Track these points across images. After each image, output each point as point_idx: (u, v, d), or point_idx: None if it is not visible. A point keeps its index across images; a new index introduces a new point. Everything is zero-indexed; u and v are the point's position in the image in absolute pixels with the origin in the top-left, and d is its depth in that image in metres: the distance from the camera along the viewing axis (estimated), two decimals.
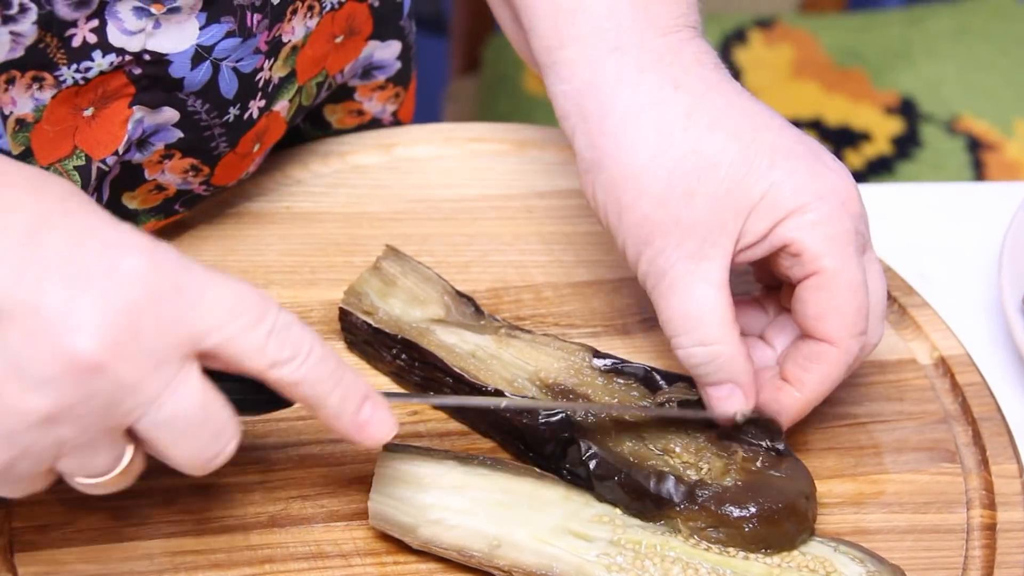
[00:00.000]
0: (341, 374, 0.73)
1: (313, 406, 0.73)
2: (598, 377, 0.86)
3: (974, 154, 2.27)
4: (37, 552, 0.79)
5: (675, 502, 0.79)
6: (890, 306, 0.97)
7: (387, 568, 0.80)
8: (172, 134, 0.90)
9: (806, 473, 0.82)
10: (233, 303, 0.70)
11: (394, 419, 0.75)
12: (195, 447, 0.70)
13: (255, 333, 0.70)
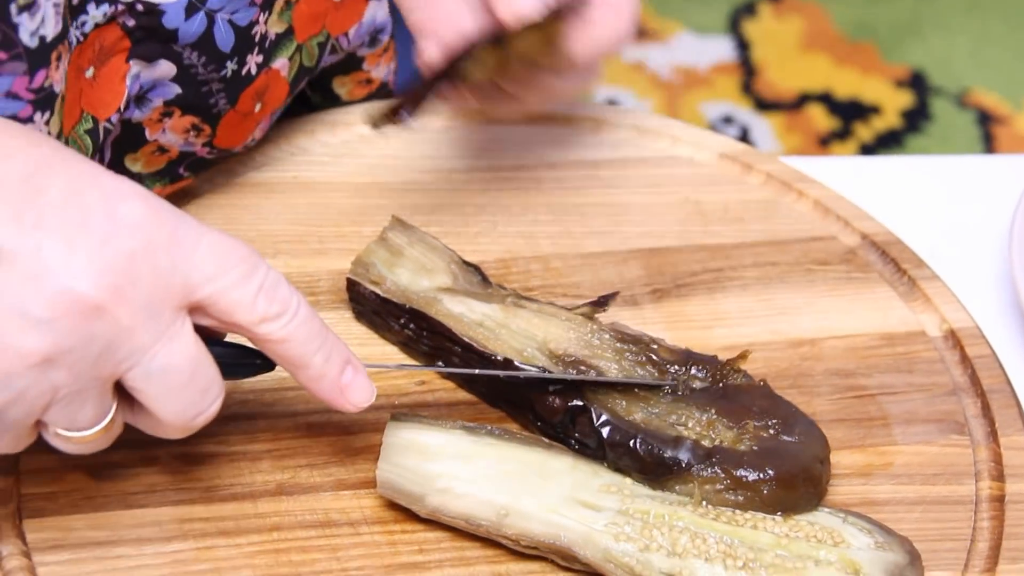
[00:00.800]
0: (325, 335, 0.74)
1: (297, 366, 0.74)
2: (607, 348, 0.86)
3: (984, 127, 2.27)
4: (46, 519, 0.79)
5: (693, 465, 0.79)
6: (900, 278, 0.97)
7: (395, 536, 0.80)
8: (170, 89, 0.89)
9: (820, 437, 0.82)
10: (225, 256, 0.70)
11: (373, 385, 0.76)
12: (183, 401, 0.71)
13: (246, 287, 0.71)
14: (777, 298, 0.96)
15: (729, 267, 0.97)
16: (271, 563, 0.78)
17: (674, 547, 0.77)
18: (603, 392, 0.83)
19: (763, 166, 1.05)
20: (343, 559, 0.79)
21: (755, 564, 0.77)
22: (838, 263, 0.98)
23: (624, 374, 0.85)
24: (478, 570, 0.79)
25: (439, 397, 0.88)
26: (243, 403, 0.86)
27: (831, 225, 1.01)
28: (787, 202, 1.03)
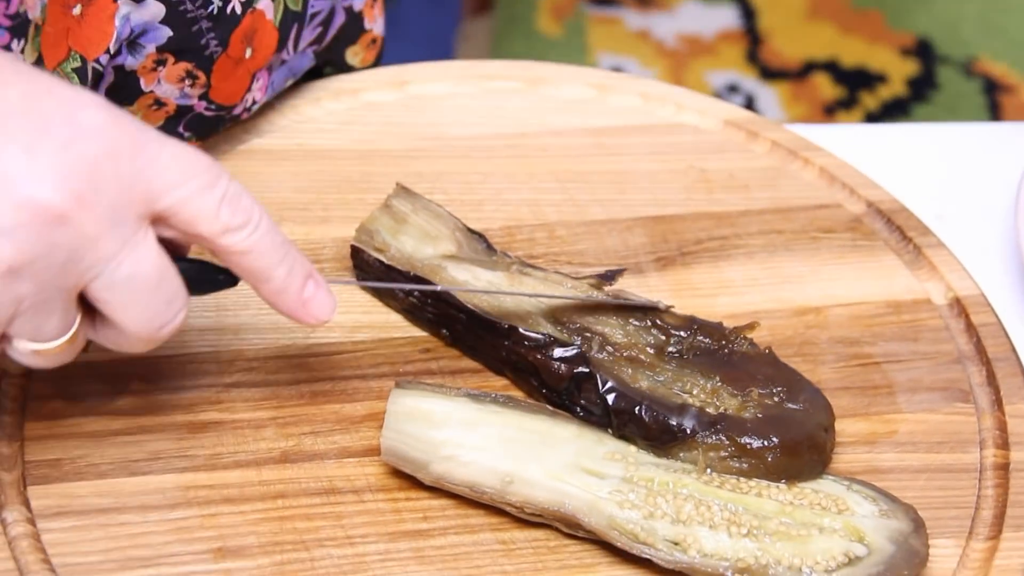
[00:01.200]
0: (287, 248, 0.74)
1: (260, 279, 0.73)
2: (612, 315, 0.86)
3: (991, 96, 2.26)
4: (50, 486, 0.79)
5: (697, 432, 0.79)
6: (905, 246, 0.97)
7: (399, 504, 0.80)
8: (161, 33, 0.89)
9: (825, 405, 0.82)
10: (188, 165, 0.70)
11: (335, 300, 0.76)
12: (148, 311, 0.71)
13: (209, 196, 0.71)
14: (782, 266, 0.95)
15: (734, 235, 0.97)
16: (275, 530, 0.78)
17: (678, 514, 0.77)
18: (609, 360, 0.83)
19: (769, 134, 1.04)
20: (347, 526, 0.79)
21: (759, 531, 0.77)
22: (843, 231, 0.98)
23: (630, 339, 0.85)
24: (482, 537, 0.79)
25: (443, 365, 0.88)
26: (247, 371, 0.86)
27: (837, 193, 1.01)
28: (793, 170, 1.02)
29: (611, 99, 1.06)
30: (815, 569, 0.76)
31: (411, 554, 0.78)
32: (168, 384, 0.85)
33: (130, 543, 0.77)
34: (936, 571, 0.79)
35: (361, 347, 0.88)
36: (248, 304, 0.89)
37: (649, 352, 0.84)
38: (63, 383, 0.84)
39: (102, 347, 0.74)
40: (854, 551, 0.76)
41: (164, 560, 0.77)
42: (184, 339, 0.87)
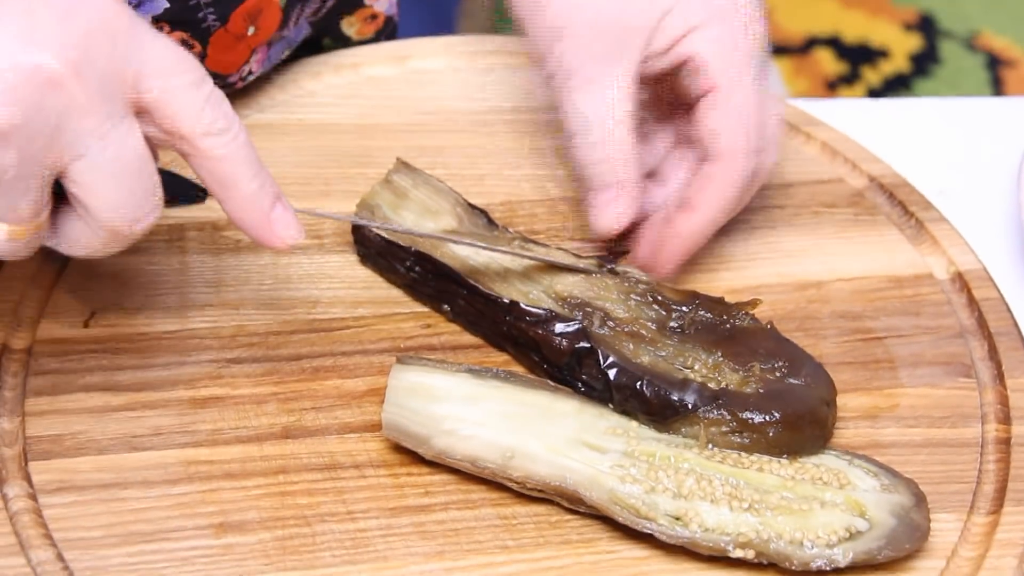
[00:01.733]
0: (261, 165, 0.74)
1: (231, 187, 0.73)
2: (613, 291, 0.86)
3: (993, 71, 2.26)
4: (51, 461, 0.79)
5: (699, 407, 0.79)
6: (907, 221, 0.97)
7: (400, 479, 0.80)
8: (158, 4, 0.89)
9: (826, 379, 0.82)
10: (178, 60, 0.71)
11: (302, 227, 0.76)
12: (128, 198, 0.71)
13: (196, 94, 0.71)
14: (784, 241, 0.95)
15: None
16: (277, 506, 0.78)
17: (680, 489, 0.77)
18: (610, 335, 0.83)
19: None
20: (349, 502, 0.79)
21: (760, 506, 0.77)
22: (845, 206, 0.98)
23: (632, 314, 0.84)
24: (484, 512, 0.79)
25: (444, 340, 0.88)
26: (249, 346, 0.86)
27: (838, 167, 1.01)
28: (794, 144, 1.02)
29: None
30: (816, 543, 0.76)
31: (412, 529, 0.78)
32: (169, 360, 0.85)
33: (131, 518, 0.77)
34: (937, 545, 0.79)
35: (362, 322, 0.88)
36: (249, 279, 0.89)
37: (650, 327, 0.84)
38: (64, 359, 0.84)
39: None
40: (855, 525, 0.76)
41: (165, 535, 0.77)
42: (185, 315, 0.87)
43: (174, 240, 0.91)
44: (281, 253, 0.91)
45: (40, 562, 0.75)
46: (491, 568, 0.77)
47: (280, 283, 0.90)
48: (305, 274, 0.90)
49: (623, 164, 0.87)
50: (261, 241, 0.76)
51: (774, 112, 0.89)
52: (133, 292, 0.88)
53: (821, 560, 0.76)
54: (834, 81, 2.30)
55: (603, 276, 0.86)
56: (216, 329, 0.87)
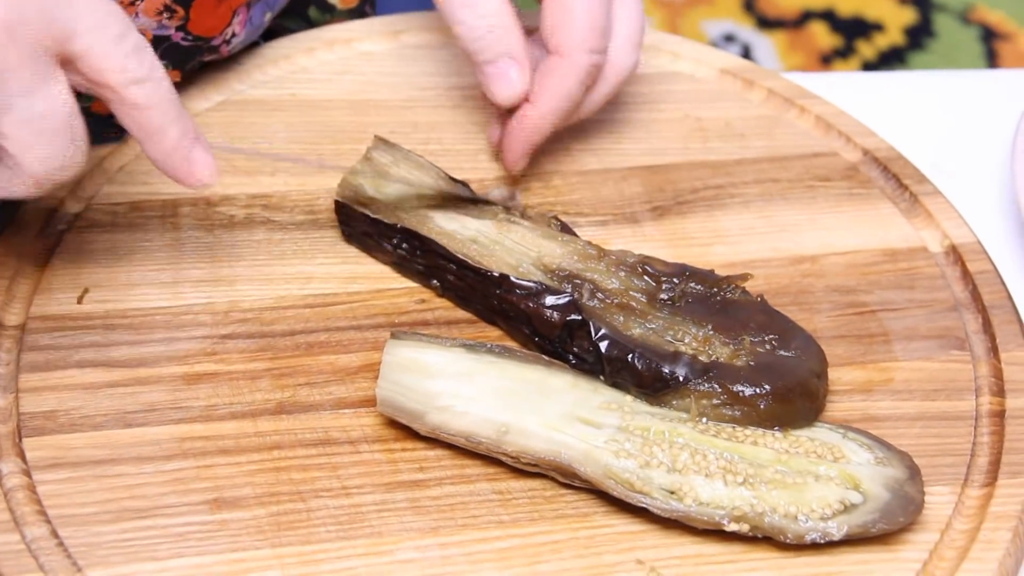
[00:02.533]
0: (182, 110, 0.77)
1: (153, 135, 0.76)
2: (601, 262, 0.85)
3: (988, 44, 2.26)
4: (45, 437, 0.79)
5: (690, 380, 0.79)
6: (901, 195, 0.97)
7: (395, 454, 0.80)
8: None
9: (817, 351, 0.82)
10: (104, 14, 0.73)
11: (217, 166, 0.79)
12: (53, 149, 0.73)
13: (120, 47, 0.73)
14: (778, 215, 0.95)
15: (730, 184, 0.97)
16: (271, 481, 0.78)
17: (674, 463, 0.77)
18: (601, 307, 0.83)
19: (765, 82, 1.04)
20: (343, 477, 0.79)
21: (755, 480, 0.77)
22: (840, 179, 0.98)
23: (622, 286, 0.84)
24: (478, 487, 0.79)
25: (438, 315, 0.88)
26: (242, 322, 0.86)
27: (833, 141, 1.01)
28: (789, 118, 1.02)
29: None
30: (811, 517, 0.76)
31: (407, 504, 0.78)
32: (163, 336, 0.85)
33: (126, 494, 0.77)
34: (932, 518, 0.79)
35: (356, 298, 0.88)
36: (242, 255, 0.89)
37: (640, 300, 0.84)
38: (58, 335, 0.84)
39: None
40: (850, 499, 0.76)
41: (160, 511, 0.77)
42: (178, 291, 0.87)
43: (167, 216, 0.91)
44: (275, 226, 0.91)
45: (34, 539, 0.75)
46: (486, 543, 0.77)
47: (274, 258, 0.90)
48: (299, 249, 0.90)
49: (510, 32, 0.89)
50: (180, 182, 0.79)
51: (634, 17, 0.92)
52: (127, 268, 0.88)
53: (815, 533, 0.76)
54: (829, 55, 2.29)
55: (591, 248, 0.86)
56: (210, 305, 0.87)
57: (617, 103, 1.01)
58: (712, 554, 0.77)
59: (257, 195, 0.93)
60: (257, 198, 0.93)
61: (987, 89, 1.11)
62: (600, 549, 0.77)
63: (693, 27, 2.33)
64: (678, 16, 2.36)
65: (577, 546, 0.77)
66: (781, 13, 2.36)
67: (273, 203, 0.93)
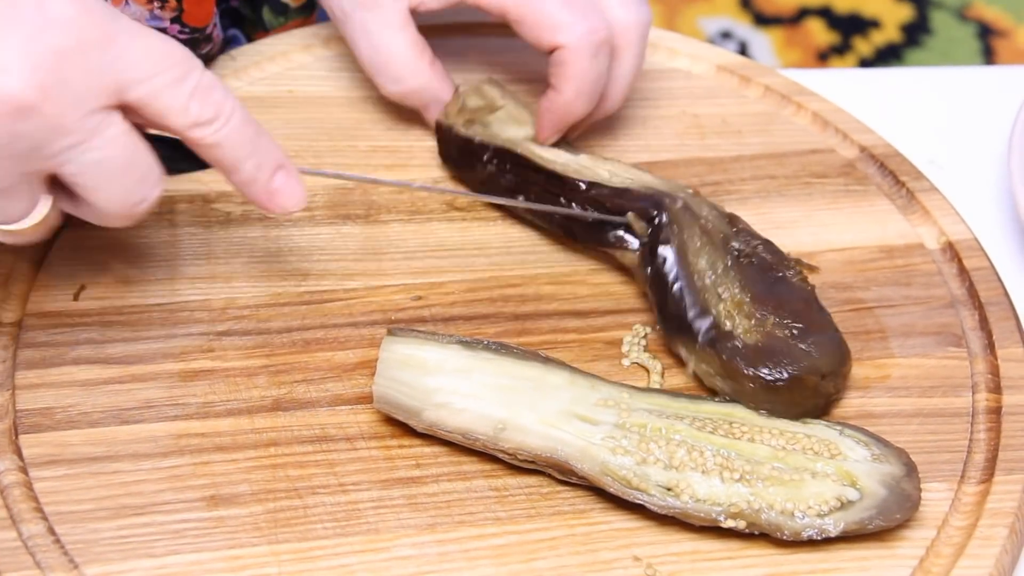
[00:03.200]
0: (258, 141, 0.76)
1: (228, 170, 0.75)
2: (695, 196, 0.88)
3: (985, 41, 2.26)
4: (42, 434, 0.79)
5: (699, 338, 0.82)
6: (898, 191, 0.97)
7: (392, 451, 0.80)
8: None
9: (834, 353, 0.82)
10: (160, 57, 0.71)
11: (304, 191, 0.78)
12: (121, 190, 0.72)
13: (179, 90, 0.72)
14: (775, 211, 0.95)
15: (727, 180, 0.97)
16: (268, 478, 0.78)
17: (671, 460, 0.77)
18: (688, 219, 0.86)
19: (761, 79, 1.04)
20: (340, 474, 0.79)
21: (752, 476, 0.77)
22: (836, 176, 0.98)
23: (708, 217, 0.87)
24: (475, 484, 0.79)
25: (435, 313, 0.88)
26: (239, 319, 0.86)
27: (830, 138, 1.01)
28: (785, 115, 1.02)
29: None
30: (808, 513, 0.76)
31: (404, 501, 0.78)
32: (159, 332, 0.85)
33: (122, 491, 0.77)
34: (928, 515, 0.79)
35: (353, 295, 0.88)
36: (239, 252, 0.89)
37: (717, 237, 0.86)
38: (55, 332, 0.84)
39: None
40: (846, 495, 0.77)
41: (156, 508, 0.77)
42: (175, 287, 0.87)
43: (164, 213, 0.91)
44: (272, 223, 0.91)
45: (31, 536, 0.75)
46: (483, 540, 0.77)
47: (271, 255, 0.90)
48: (296, 246, 0.90)
49: (424, 92, 0.93)
50: (265, 211, 0.78)
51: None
52: (123, 265, 0.88)
53: (812, 530, 0.76)
54: (825, 51, 2.29)
55: (688, 187, 0.90)
56: (207, 301, 0.87)
57: None
58: (709, 551, 0.77)
59: None
60: None
61: (984, 86, 1.11)
62: (597, 546, 0.77)
63: (690, 24, 2.33)
64: (675, 13, 2.36)
65: (574, 543, 0.77)
66: (778, 10, 2.36)
67: None
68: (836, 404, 0.84)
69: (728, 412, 0.80)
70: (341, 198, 0.93)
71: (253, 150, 0.75)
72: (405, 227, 0.92)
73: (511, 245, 0.92)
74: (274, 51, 1.02)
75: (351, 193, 0.94)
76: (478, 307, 0.88)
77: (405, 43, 0.92)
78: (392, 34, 0.92)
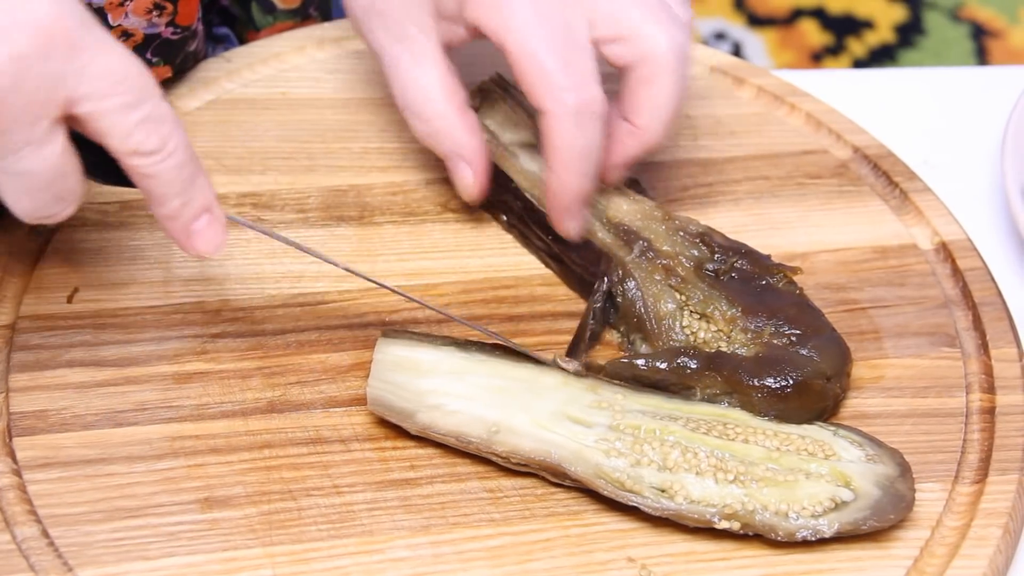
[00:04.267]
0: (192, 181, 0.74)
1: (154, 201, 0.74)
2: (663, 224, 0.87)
3: (978, 41, 2.26)
4: (36, 437, 0.79)
5: (694, 371, 0.81)
6: (892, 192, 0.97)
7: (386, 453, 0.80)
8: None
9: (836, 354, 0.82)
10: (118, 80, 0.70)
11: (224, 239, 0.77)
12: (36, 204, 0.72)
13: (128, 116, 0.71)
14: (768, 212, 0.95)
15: (720, 182, 0.97)
16: (262, 480, 0.78)
17: (665, 462, 0.77)
18: (647, 265, 0.86)
19: (755, 80, 1.04)
20: (334, 476, 0.79)
21: (746, 478, 0.77)
22: (830, 177, 0.98)
23: (675, 250, 0.86)
24: (470, 486, 0.79)
25: (429, 315, 0.88)
26: (233, 321, 0.86)
27: (823, 139, 1.01)
28: (779, 116, 1.02)
29: None
30: (802, 514, 0.76)
31: (398, 503, 0.78)
32: (153, 335, 0.85)
33: (116, 494, 0.77)
34: (922, 515, 0.79)
35: (347, 296, 0.88)
36: (233, 254, 0.89)
37: (687, 266, 0.85)
38: (48, 334, 0.84)
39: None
40: (840, 496, 0.77)
41: (151, 511, 0.77)
42: (168, 289, 0.87)
43: None
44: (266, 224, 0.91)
45: (25, 538, 0.75)
46: (477, 541, 0.77)
47: (264, 257, 0.90)
48: (289, 248, 0.90)
49: (450, 135, 0.88)
50: (181, 248, 0.77)
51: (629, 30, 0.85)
52: (116, 267, 0.88)
53: (806, 531, 0.76)
54: (819, 52, 2.30)
55: (658, 211, 0.89)
56: (200, 304, 0.87)
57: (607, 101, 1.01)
58: (703, 552, 0.77)
59: (247, 194, 0.93)
60: (247, 197, 0.93)
61: (977, 86, 1.11)
62: (591, 547, 0.77)
63: None
64: None
65: (568, 544, 0.77)
66: (772, 11, 2.36)
67: (263, 202, 0.93)
68: (843, 404, 0.83)
69: (722, 413, 0.80)
70: (335, 200, 0.93)
71: (184, 189, 0.74)
72: (399, 229, 0.92)
73: (505, 246, 0.92)
74: (268, 53, 1.02)
75: (345, 195, 0.94)
76: (472, 308, 0.88)
77: (434, 78, 0.88)
78: (421, 69, 0.88)
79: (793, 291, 0.85)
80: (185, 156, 0.73)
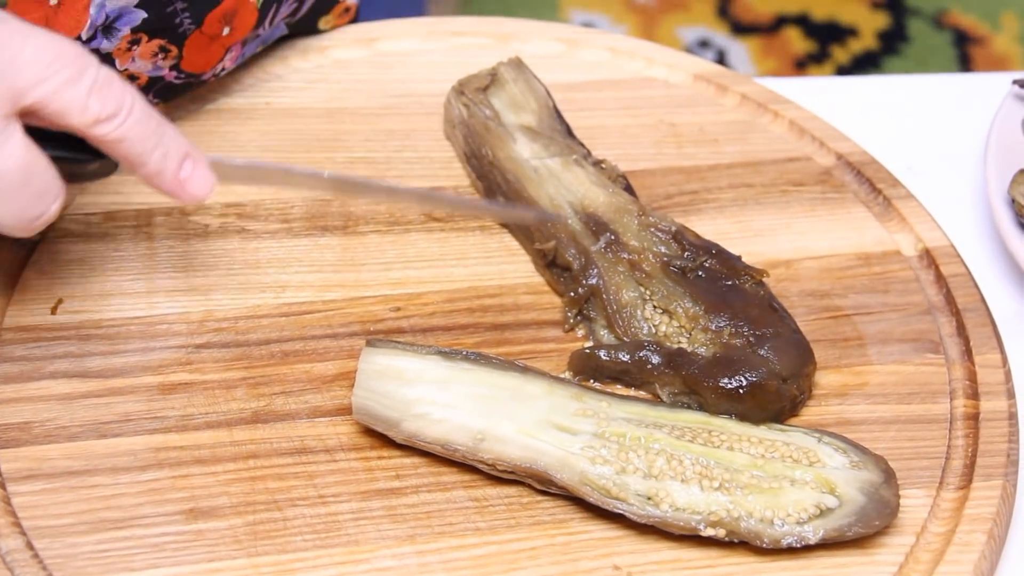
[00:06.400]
0: (162, 132, 0.74)
1: (135, 163, 0.74)
2: (635, 218, 0.88)
3: (961, 48, 2.26)
4: (20, 449, 0.79)
5: (655, 366, 0.82)
6: (875, 198, 0.97)
7: (371, 462, 0.80)
8: (136, 16, 0.89)
9: (794, 356, 0.82)
10: (53, 57, 0.70)
11: (213, 177, 0.76)
12: (17, 206, 0.71)
13: (77, 88, 0.71)
14: (752, 219, 0.95)
15: (704, 189, 0.97)
16: (247, 491, 0.78)
17: (650, 469, 0.77)
18: (611, 257, 0.87)
19: (738, 87, 1.04)
20: (320, 486, 0.79)
21: (731, 485, 0.77)
22: (813, 184, 0.98)
23: (642, 246, 0.87)
24: (455, 495, 0.79)
25: (414, 324, 0.88)
26: (217, 331, 0.86)
27: (806, 146, 1.01)
28: (762, 123, 1.02)
29: (580, 54, 1.06)
30: (787, 521, 0.76)
31: (384, 512, 0.78)
32: (137, 346, 0.85)
33: (101, 505, 0.77)
34: (907, 521, 0.79)
35: (332, 306, 0.88)
36: (217, 264, 0.89)
37: (653, 263, 0.86)
38: (32, 346, 0.84)
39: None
40: (825, 503, 0.77)
41: (136, 522, 0.76)
42: (153, 300, 0.87)
43: (141, 226, 0.91)
44: (249, 235, 0.91)
45: (10, 550, 0.75)
46: (463, 550, 0.77)
47: (249, 268, 0.89)
48: (274, 258, 0.90)
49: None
50: (177, 199, 0.77)
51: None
52: (100, 278, 0.88)
53: (791, 537, 0.76)
54: (803, 59, 2.30)
55: (633, 205, 0.89)
56: (185, 314, 0.87)
57: (592, 109, 1.01)
58: (689, 559, 0.77)
59: (231, 204, 0.93)
60: (231, 207, 0.93)
61: (961, 93, 1.11)
62: (577, 555, 0.77)
63: (668, 33, 2.34)
64: (653, 22, 2.36)
65: (554, 552, 0.77)
66: (755, 19, 2.37)
67: (247, 212, 0.93)
68: (803, 405, 0.84)
69: (706, 421, 0.80)
70: (319, 209, 0.93)
71: (158, 141, 0.74)
72: (383, 238, 0.92)
73: (490, 255, 0.92)
74: (250, 63, 1.02)
75: (329, 204, 0.94)
76: (457, 317, 0.88)
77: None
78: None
79: (759, 292, 0.85)
80: (144, 109, 0.73)
